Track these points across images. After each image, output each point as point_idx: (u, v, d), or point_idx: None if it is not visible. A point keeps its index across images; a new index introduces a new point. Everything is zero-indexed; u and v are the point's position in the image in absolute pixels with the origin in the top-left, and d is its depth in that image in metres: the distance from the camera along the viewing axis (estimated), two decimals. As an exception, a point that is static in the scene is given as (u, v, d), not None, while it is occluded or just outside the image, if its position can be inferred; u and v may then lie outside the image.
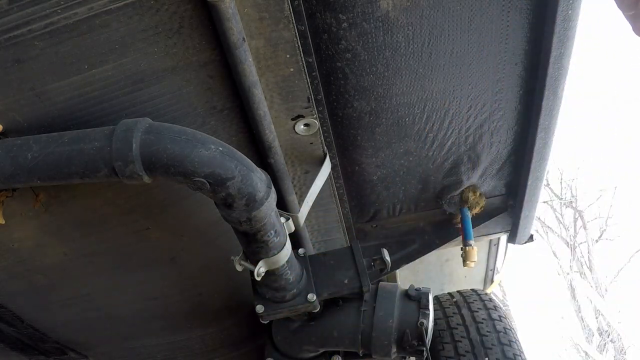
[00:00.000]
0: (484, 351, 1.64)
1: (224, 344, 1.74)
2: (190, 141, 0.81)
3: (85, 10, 0.78)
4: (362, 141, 1.26)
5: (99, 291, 1.39)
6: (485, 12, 1.04)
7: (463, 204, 1.50)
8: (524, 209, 1.52)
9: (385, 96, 1.16)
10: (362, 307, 1.30)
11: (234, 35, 0.82)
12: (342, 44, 1.03)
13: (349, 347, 1.33)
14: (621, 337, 8.39)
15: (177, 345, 1.70)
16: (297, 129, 1.09)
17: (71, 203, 1.09)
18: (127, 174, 0.81)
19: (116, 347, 1.69)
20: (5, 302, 1.38)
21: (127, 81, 0.89)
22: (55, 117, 0.91)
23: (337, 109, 1.17)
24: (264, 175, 0.92)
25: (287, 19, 0.88)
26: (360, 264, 1.22)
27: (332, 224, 1.44)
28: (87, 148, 0.80)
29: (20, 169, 0.82)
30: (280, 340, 1.38)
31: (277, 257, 1.03)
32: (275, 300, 1.16)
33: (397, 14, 1.01)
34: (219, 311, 1.58)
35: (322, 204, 1.33)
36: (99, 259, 1.27)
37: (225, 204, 0.89)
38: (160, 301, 1.47)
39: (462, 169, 1.40)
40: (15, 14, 0.77)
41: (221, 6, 0.77)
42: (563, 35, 1.05)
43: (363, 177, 1.37)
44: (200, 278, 1.43)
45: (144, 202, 1.13)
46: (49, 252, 1.21)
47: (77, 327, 1.54)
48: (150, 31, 0.83)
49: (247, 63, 0.87)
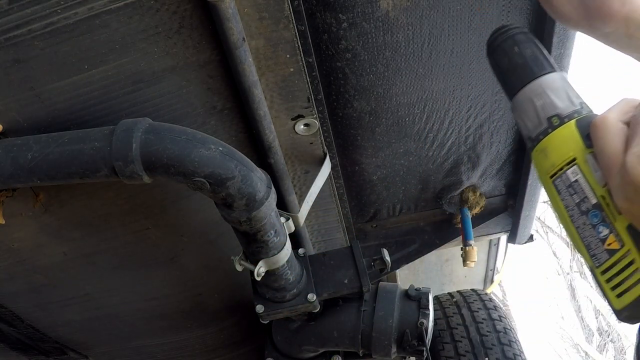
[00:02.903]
0: (484, 351, 1.64)
1: (224, 344, 1.74)
2: (190, 141, 0.81)
3: (85, 10, 0.78)
4: (362, 141, 1.26)
5: (99, 291, 1.39)
6: (485, 12, 1.04)
7: (463, 204, 1.50)
8: (524, 209, 1.52)
9: (385, 96, 1.16)
10: (362, 307, 1.30)
11: (234, 35, 0.82)
12: (342, 44, 1.03)
13: (349, 347, 1.33)
14: (621, 337, 8.39)
15: (177, 345, 1.69)
16: (297, 129, 1.09)
17: (71, 203, 1.09)
18: (127, 174, 0.81)
19: (116, 347, 1.69)
20: (5, 302, 1.38)
21: (127, 81, 0.89)
22: (55, 117, 0.91)
23: (337, 109, 1.17)
24: (264, 175, 0.92)
25: (287, 19, 0.88)
26: (360, 264, 1.22)
27: (332, 224, 1.44)
28: (87, 148, 0.80)
29: (20, 169, 0.81)
30: (280, 340, 1.38)
31: (277, 257, 1.03)
32: (275, 300, 1.16)
33: (397, 14, 1.01)
34: (219, 311, 1.58)
35: (322, 204, 1.33)
36: (99, 259, 1.27)
37: (225, 204, 0.89)
38: (160, 301, 1.47)
39: (462, 169, 1.40)
40: (15, 14, 0.77)
41: (221, 6, 0.77)
42: (563, 35, 1.05)
43: (363, 177, 1.37)
44: (200, 278, 1.43)
45: (144, 202, 1.13)
46: (49, 252, 1.21)
47: (77, 327, 1.54)
48: (150, 31, 0.83)
49: (247, 63, 0.87)
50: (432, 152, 1.33)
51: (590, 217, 0.52)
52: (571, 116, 0.56)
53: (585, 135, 0.54)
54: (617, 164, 0.47)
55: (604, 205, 0.51)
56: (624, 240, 0.50)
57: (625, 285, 0.50)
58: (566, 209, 0.54)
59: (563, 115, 0.57)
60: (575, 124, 0.55)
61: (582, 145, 0.54)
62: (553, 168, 0.55)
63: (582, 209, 0.53)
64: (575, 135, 0.55)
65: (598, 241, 0.51)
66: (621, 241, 0.50)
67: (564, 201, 0.54)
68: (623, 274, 0.50)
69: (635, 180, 0.44)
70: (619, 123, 0.49)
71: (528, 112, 0.59)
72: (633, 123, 0.48)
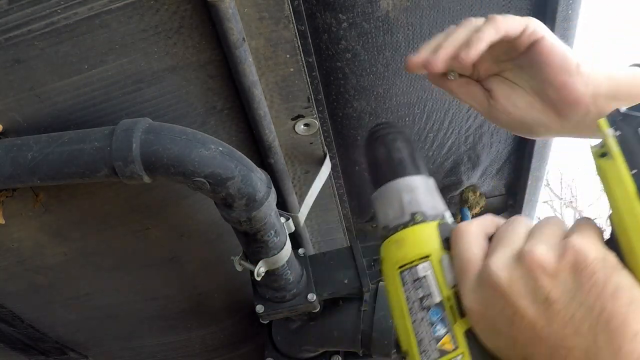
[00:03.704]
0: (484, 351, 1.64)
1: (224, 344, 1.74)
2: (190, 141, 0.81)
3: (85, 10, 0.78)
4: (362, 141, 1.26)
5: (99, 291, 1.39)
6: (485, 11, 1.04)
7: (463, 204, 1.50)
8: (524, 209, 1.53)
9: (385, 96, 1.16)
10: (362, 307, 1.30)
11: (234, 35, 0.82)
12: (342, 44, 1.03)
13: (349, 347, 1.33)
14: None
15: (177, 345, 1.70)
16: (297, 129, 1.09)
17: (71, 203, 1.09)
18: (127, 174, 0.81)
19: (116, 347, 1.69)
20: (5, 302, 1.38)
21: (127, 81, 0.89)
22: (55, 117, 0.90)
23: (337, 109, 1.17)
24: (264, 175, 0.92)
25: (287, 19, 0.88)
26: (360, 264, 1.22)
27: (332, 224, 1.44)
28: (87, 148, 0.80)
29: (20, 169, 0.81)
30: (280, 340, 1.39)
31: (277, 257, 1.03)
32: (275, 300, 1.16)
33: (397, 14, 1.01)
34: (219, 311, 1.58)
35: (322, 204, 1.33)
36: (99, 259, 1.27)
37: (225, 204, 0.89)
38: (160, 301, 1.47)
39: (462, 169, 1.40)
40: (15, 14, 0.77)
41: (221, 6, 0.77)
42: (563, 35, 1.05)
43: (363, 177, 1.37)
44: (200, 278, 1.43)
45: (144, 202, 1.13)
46: (49, 252, 1.21)
47: (77, 327, 1.54)
48: (150, 31, 0.83)
49: (247, 63, 0.87)
50: (432, 152, 1.33)
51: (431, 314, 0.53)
52: (434, 218, 0.58)
53: (444, 238, 0.55)
54: (475, 267, 0.49)
55: (447, 306, 0.52)
56: (459, 343, 0.50)
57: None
58: (406, 301, 0.55)
59: (427, 214, 0.58)
60: (436, 226, 0.57)
61: (439, 246, 0.55)
62: (404, 260, 0.56)
63: (424, 304, 0.53)
64: (434, 235, 0.56)
65: (432, 339, 0.52)
66: (456, 343, 0.50)
67: (406, 293, 0.55)
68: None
69: (495, 283, 0.45)
70: (482, 233, 0.52)
71: (393, 203, 0.61)
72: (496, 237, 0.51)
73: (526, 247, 0.46)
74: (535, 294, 0.43)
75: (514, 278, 0.45)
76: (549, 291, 0.43)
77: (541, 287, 0.43)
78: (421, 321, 0.53)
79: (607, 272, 0.41)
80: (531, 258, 0.44)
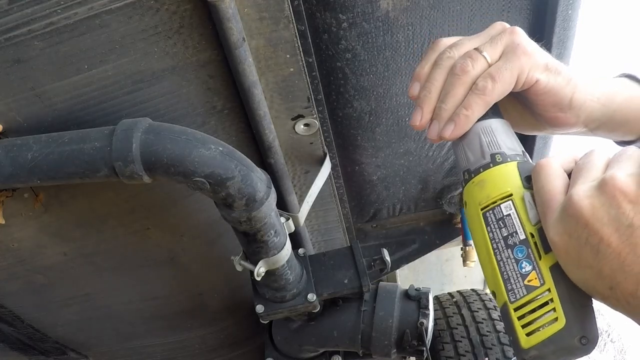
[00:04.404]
0: (484, 351, 1.64)
1: (224, 344, 1.74)
2: (190, 141, 0.81)
3: (85, 10, 0.78)
4: (362, 141, 1.26)
5: (99, 291, 1.39)
6: (485, 11, 1.04)
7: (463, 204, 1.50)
8: (524, 209, 1.52)
9: (386, 96, 1.16)
10: (362, 307, 1.30)
11: (234, 35, 0.82)
12: (342, 44, 1.03)
13: (349, 347, 1.33)
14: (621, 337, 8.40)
15: (177, 345, 1.70)
16: (297, 129, 1.09)
17: (71, 203, 1.09)
18: (127, 174, 0.81)
19: (116, 347, 1.69)
20: (5, 302, 1.38)
21: (127, 81, 0.89)
22: (55, 117, 0.91)
23: (337, 109, 1.17)
24: (264, 175, 0.92)
25: (287, 19, 0.88)
26: (360, 264, 1.22)
27: (332, 224, 1.44)
28: (87, 148, 0.80)
29: (20, 169, 0.81)
30: (280, 340, 1.39)
31: (277, 257, 1.03)
32: (275, 300, 1.16)
33: (397, 14, 1.00)
34: (219, 311, 1.58)
35: (322, 204, 1.33)
36: (99, 259, 1.27)
37: (225, 204, 0.89)
38: (160, 301, 1.47)
39: (462, 169, 1.40)
40: (15, 14, 0.77)
41: (221, 6, 0.77)
42: (563, 35, 1.05)
43: (363, 177, 1.37)
44: (200, 278, 1.43)
45: (144, 202, 1.13)
46: (49, 252, 1.21)
47: (77, 327, 1.54)
48: (150, 31, 0.83)
49: (247, 63, 0.87)
50: (432, 152, 1.33)
51: (516, 251, 0.54)
52: (513, 158, 0.60)
53: (525, 177, 0.57)
54: (557, 200, 0.50)
55: (531, 242, 0.53)
56: (545, 279, 0.51)
57: (537, 324, 0.51)
58: (491, 241, 0.56)
59: (506, 154, 0.60)
60: (516, 165, 0.58)
61: (521, 184, 0.56)
62: (487, 200, 0.58)
63: (509, 242, 0.54)
64: (515, 174, 0.58)
65: (519, 276, 0.52)
66: (542, 279, 0.51)
67: (491, 233, 0.56)
68: (537, 312, 0.51)
69: (578, 213, 0.46)
70: (561, 168, 0.53)
71: (473, 145, 0.62)
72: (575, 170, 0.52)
73: (607, 176, 0.46)
74: (619, 220, 0.43)
75: (596, 206, 0.45)
76: (632, 217, 0.43)
77: (624, 213, 0.43)
78: (507, 260, 0.54)
79: None
80: (613, 185, 0.44)
